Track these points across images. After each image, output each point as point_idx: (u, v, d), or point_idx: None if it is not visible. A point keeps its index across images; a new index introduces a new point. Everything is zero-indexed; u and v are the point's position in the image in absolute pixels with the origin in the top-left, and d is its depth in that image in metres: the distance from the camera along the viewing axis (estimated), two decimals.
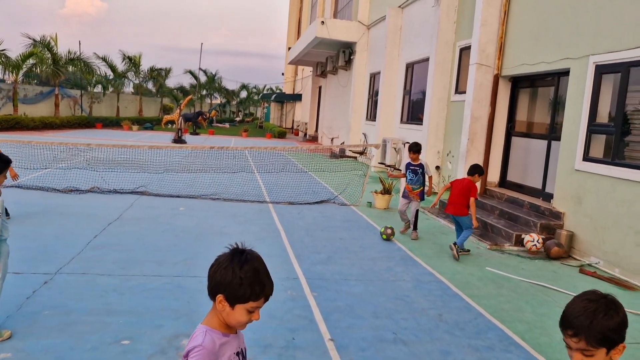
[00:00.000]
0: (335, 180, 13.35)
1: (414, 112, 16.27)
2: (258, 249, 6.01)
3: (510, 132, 10.60)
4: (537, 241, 7.58)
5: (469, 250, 7.53)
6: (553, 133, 9.19)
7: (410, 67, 16.51)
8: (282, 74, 55.56)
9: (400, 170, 8.17)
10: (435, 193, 9.76)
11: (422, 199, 8.41)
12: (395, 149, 15.66)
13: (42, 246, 6.46)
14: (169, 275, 5.67)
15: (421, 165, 8.43)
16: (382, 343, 4.35)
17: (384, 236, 7.96)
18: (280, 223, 8.66)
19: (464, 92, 12.01)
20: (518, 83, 10.45)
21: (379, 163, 16.33)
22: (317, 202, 10.74)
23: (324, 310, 4.98)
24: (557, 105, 9.14)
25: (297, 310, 4.94)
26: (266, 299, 1.89)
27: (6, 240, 4.06)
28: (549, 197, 8.85)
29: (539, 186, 9.46)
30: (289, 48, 38.29)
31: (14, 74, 31.35)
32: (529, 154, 10.00)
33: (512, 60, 10.04)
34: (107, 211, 8.72)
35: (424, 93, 15.15)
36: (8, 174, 4.51)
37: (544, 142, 9.43)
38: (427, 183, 8.52)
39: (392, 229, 8.03)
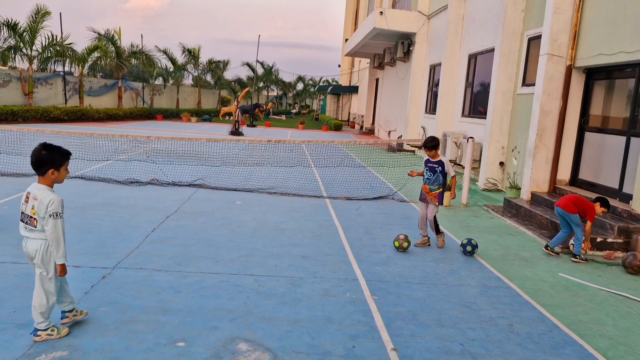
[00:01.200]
0: (395, 176, 12.99)
1: (476, 106, 15.64)
2: (315, 247, 5.80)
3: (583, 127, 9.93)
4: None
5: (558, 253, 7.11)
6: (633, 128, 8.50)
7: (472, 58, 15.87)
8: (339, 66, 55.28)
9: (426, 168, 7.15)
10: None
11: (440, 202, 7.09)
12: (456, 143, 15.10)
13: (102, 239, 6.49)
14: (225, 273, 5.54)
15: (441, 163, 7.06)
16: (449, 356, 4.04)
17: (397, 243, 6.77)
18: (338, 219, 8.43)
19: (532, 85, 11.36)
20: (593, 75, 9.75)
21: None
22: (375, 198, 10.44)
23: (385, 316, 4.71)
24: (638, 99, 8.44)
25: (357, 315, 4.69)
26: None
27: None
28: (627, 198, 8.20)
29: (615, 185, 8.80)
30: (346, 40, 37.93)
31: (80, 67, 32.53)
32: (604, 150, 9.32)
33: (587, 50, 9.36)
34: (165, 204, 8.75)
35: (487, 85, 14.52)
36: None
37: (622, 138, 8.74)
38: (450, 184, 7.36)
39: (406, 238, 6.78)
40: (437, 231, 7.21)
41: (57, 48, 29.67)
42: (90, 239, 6.38)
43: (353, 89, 45.45)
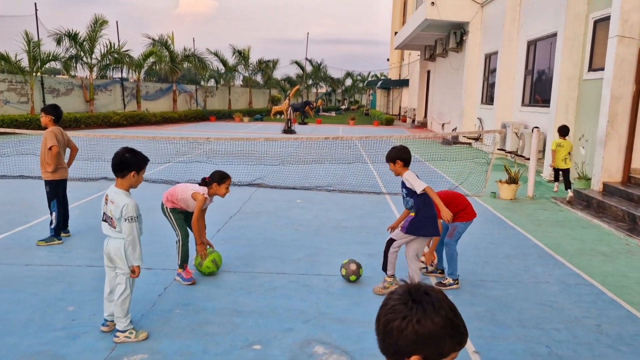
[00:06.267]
0: (454, 169, 12.67)
1: (537, 94, 15.05)
2: (379, 244, 5.59)
3: None
4: None
5: None
6: None
7: (532, 44, 15.27)
8: (387, 59, 54.73)
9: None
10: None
11: (408, 230, 4.86)
12: (517, 134, 14.58)
13: (169, 240, 6.55)
14: (293, 273, 5.49)
15: (403, 186, 4.94)
16: (536, 358, 3.83)
17: (344, 271, 5.29)
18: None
19: (600, 69, 10.81)
20: None
21: (499, 149, 15.32)
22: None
23: (463, 317, 4.51)
24: None
25: None
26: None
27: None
28: None
29: None
30: (395, 33, 37.41)
31: (137, 73, 33.52)
32: None
33: None
34: (228, 204, 8.80)
35: (549, 72, 13.93)
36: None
37: None
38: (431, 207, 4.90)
39: (357, 265, 5.28)
40: (384, 266, 5.11)
41: (115, 55, 30.66)
42: (159, 241, 6.47)
43: (403, 83, 44.86)
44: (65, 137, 6.67)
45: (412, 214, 4.93)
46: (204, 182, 5.25)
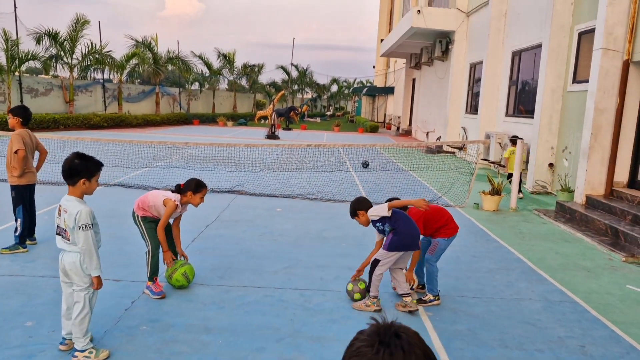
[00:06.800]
0: (438, 179, 12.55)
1: (521, 104, 15.04)
2: (360, 257, 5.37)
3: None
4: None
5: None
6: None
7: (517, 55, 15.26)
8: (373, 67, 54.80)
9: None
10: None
11: (390, 247, 4.70)
12: (500, 144, 14.53)
13: (141, 249, 6.28)
14: (269, 287, 5.27)
15: (376, 222, 4.83)
16: None
17: (350, 287, 5.03)
18: None
19: (584, 81, 10.78)
20: None
21: (482, 159, 15.26)
22: None
23: (443, 335, 4.35)
24: None
25: None
26: None
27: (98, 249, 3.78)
28: None
29: None
30: (381, 40, 37.44)
31: (119, 74, 33.05)
32: None
33: None
34: (205, 211, 8.54)
35: (533, 83, 13.92)
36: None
37: None
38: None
39: (363, 289, 4.96)
40: (368, 288, 4.86)
41: (97, 56, 30.18)
42: (130, 251, 6.21)
43: (389, 90, 44.90)
44: (33, 140, 6.38)
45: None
46: (178, 189, 5.02)
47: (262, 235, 7.31)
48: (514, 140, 11.27)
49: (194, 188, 4.97)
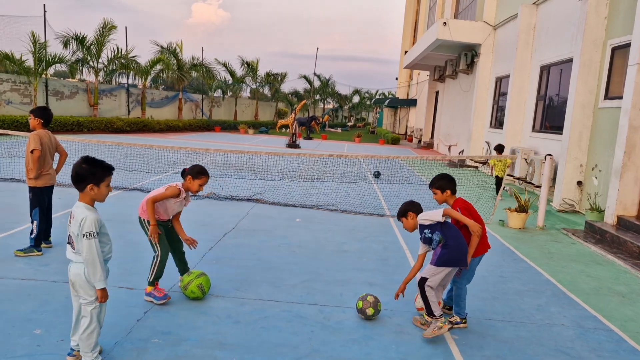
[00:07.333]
0: (461, 194, 12.21)
1: (548, 120, 14.68)
2: (382, 272, 5.12)
3: None
4: None
5: None
6: None
7: (545, 69, 14.93)
8: (396, 78, 54.59)
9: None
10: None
11: (435, 262, 4.46)
12: (526, 160, 14.17)
13: None
14: (287, 302, 5.06)
15: (422, 228, 4.60)
16: None
17: (360, 304, 4.74)
18: (405, 241, 7.83)
19: (617, 98, 10.43)
20: None
21: (507, 175, 14.89)
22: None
23: None
24: None
25: (438, 359, 4.09)
26: None
27: (107, 262, 3.57)
28: None
29: None
30: (405, 52, 37.24)
31: (143, 80, 33.33)
32: None
33: None
34: (223, 219, 8.41)
35: (562, 99, 13.58)
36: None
37: None
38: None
39: (373, 301, 4.72)
40: (429, 309, 4.45)
41: (122, 61, 30.50)
42: (146, 258, 6.02)
43: (411, 102, 44.62)
44: (53, 142, 6.29)
45: (440, 246, 4.50)
46: (183, 173, 4.92)
47: (281, 246, 7.11)
48: (498, 148, 12.71)
49: (195, 173, 4.82)
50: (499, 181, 12.36)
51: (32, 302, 4.60)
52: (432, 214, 4.48)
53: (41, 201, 6.09)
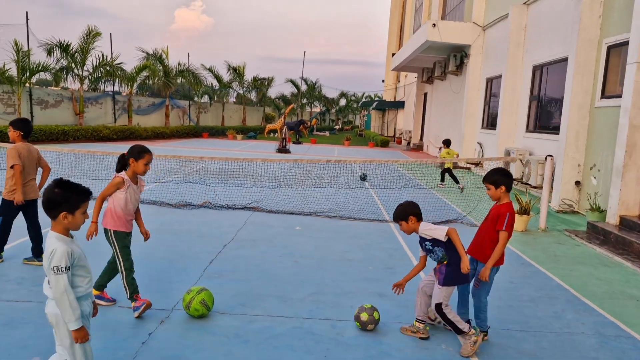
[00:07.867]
0: (462, 198, 12.09)
1: (543, 120, 14.61)
2: (390, 282, 4.86)
3: None
4: None
5: None
6: None
7: (538, 69, 14.87)
8: (383, 81, 54.64)
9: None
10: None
11: (442, 282, 4.32)
12: (521, 160, 14.08)
13: (156, 272, 5.90)
14: (297, 317, 4.82)
15: (424, 237, 4.43)
16: None
17: (358, 324, 4.59)
18: (409, 248, 7.63)
19: (614, 97, 10.37)
20: None
21: None
22: (442, 222, 9.58)
23: None
24: None
25: None
26: None
27: (87, 297, 3.07)
28: None
29: None
30: (393, 54, 37.19)
31: (129, 87, 32.90)
32: None
33: None
34: (221, 230, 8.16)
35: (556, 98, 13.52)
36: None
37: None
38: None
39: (372, 312, 4.57)
40: (457, 329, 4.31)
41: (107, 68, 30.07)
42: (144, 273, 5.78)
43: (399, 104, 44.61)
44: (34, 154, 6.01)
45: (443, 262, 4.35)
46: (121, 158, 4.69)
47: (283, 257, 6.87)
48: (446, 142, 14.70)
49: (136, 154, 4.60)
50: (448, 172, 14.12)
51: (27, 327, 4.32)
52: (435, 231, 4.29)
53: (10, 212, 5.85)
